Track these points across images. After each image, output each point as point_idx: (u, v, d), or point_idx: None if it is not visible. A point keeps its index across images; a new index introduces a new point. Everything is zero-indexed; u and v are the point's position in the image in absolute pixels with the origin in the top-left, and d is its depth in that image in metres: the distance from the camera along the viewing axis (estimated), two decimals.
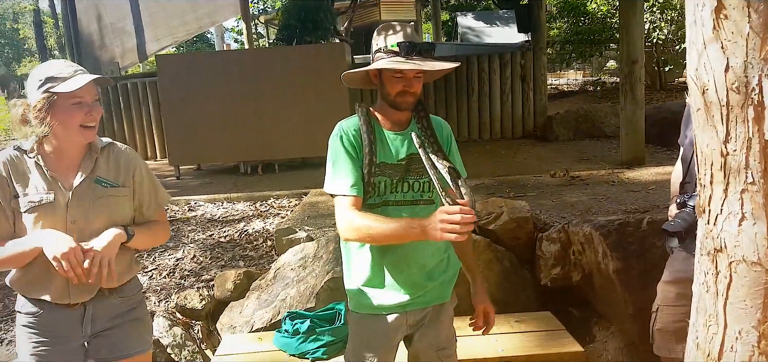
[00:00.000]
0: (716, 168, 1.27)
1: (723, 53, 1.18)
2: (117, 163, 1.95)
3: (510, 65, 8.03)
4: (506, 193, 4.86)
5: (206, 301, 3.57)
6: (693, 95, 1.29)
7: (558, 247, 3.85)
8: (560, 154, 6.68)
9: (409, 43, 1.83)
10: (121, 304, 1.97)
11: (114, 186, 1.92)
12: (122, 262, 1.94)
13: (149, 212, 2.03)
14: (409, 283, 1.94)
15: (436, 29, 15.55)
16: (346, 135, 1.91)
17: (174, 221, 4.85)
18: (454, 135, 2.06)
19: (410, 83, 1.85)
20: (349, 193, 1.86)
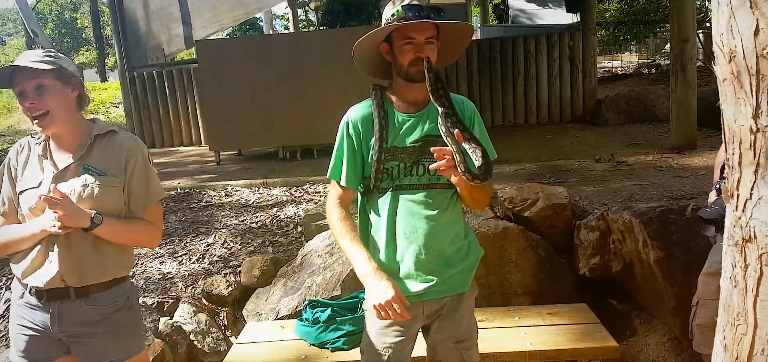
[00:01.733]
0: (745, 147, 1.11)
1: (752, 14, 1.02)
2: (112, 152, 1.89)
3: (558, 47, 7.72)
4: (547, 179, 4.67)
5: (233, 287, 3.56)
6: (718, 63, 1.13)
7: (597, 235, 3.66)
8: (608, 138, 6.38)
9: (413, 5, 1.75)
10: (91, 312, 1.87)
11: (102, 175, 1.85)
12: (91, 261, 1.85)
13: (136, 207, 1.91)
14: (426, 270, 1.85)
15: (484, 12, 15.20)
16: (352, 123, 1.87)
17: (209, 206, 4.90)
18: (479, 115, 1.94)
19: (421, 49, 1.75)
20: (341, 182, 1.86)
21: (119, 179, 1.87)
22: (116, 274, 1.91)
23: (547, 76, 7.78)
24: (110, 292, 1.90)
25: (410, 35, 1.75)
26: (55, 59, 1.83)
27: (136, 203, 1.91)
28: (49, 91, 1.79)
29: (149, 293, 3.65)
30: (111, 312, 1.90)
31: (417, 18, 1.73)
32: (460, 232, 1.93)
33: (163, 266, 3.94)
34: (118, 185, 1.87)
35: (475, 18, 20.41)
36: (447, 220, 1.87)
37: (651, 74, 10.94)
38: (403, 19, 1.74)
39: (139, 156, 1.91)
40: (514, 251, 3.63)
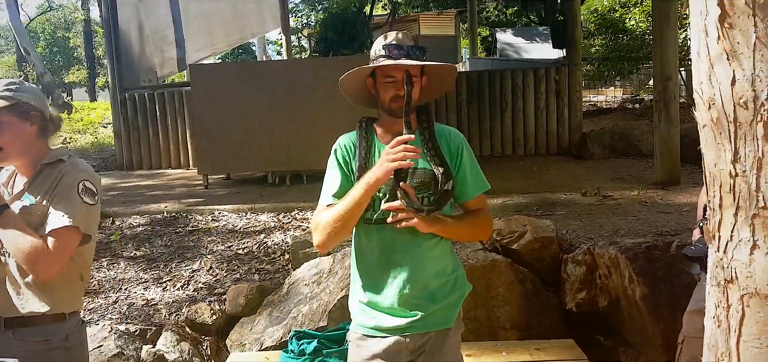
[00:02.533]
0: (725, 190, 1.15)
1: (729, 65, 1.07)
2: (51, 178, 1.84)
3: (545, 81, 7.84)
4: (534, 211, 4.70)
5: (217, 316, 3.54)
6: (699, 110, 1.17)
7: (584, 270, 3.69)
8: (594, 172, 6.46)
9: (393, 45, 1.80)
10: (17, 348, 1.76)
11: (33, 203, 1.81)
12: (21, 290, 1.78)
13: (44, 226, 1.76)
14: (410, 305, 1.84)
15: (473, 45, 15.42)
16: (341, 149, 1.90)
17: (196, 231, 4.87)
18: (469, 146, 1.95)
19: (402, 86, 1.79)
20: (326, 201, 1.86)
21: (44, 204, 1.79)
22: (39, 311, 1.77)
23: (534, 109, 7.89)
24: (41, 329, 1.78)
25: (391, 74, 1.80)
26: (15, 93, 1.78)
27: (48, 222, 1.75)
28: (2, 126, 1.76)
29: (132, 320, 3.61)
30: (40, 351, 1.77)
31: (396, 58, 1.78)
32: (446, 266, 1.91)
33: (147, 292, 3.91)
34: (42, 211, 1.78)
35: (464, 50, 20.71)
36: (432, 253, 1.86)
37: (635, 109, 11.12)
38: (385, 58, 1.79)
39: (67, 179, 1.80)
40: (502, 284, 3.64)
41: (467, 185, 1.91)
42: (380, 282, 1.86)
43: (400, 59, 1.78)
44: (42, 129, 1.88)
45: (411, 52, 1.80)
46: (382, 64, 1.79)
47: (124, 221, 5.30)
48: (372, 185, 1.71)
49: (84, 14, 26.04)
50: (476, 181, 1.92)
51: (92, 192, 1.84)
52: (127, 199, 6.23)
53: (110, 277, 4.15)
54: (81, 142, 11.72)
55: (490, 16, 22.73)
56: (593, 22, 11.73)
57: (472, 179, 1.92)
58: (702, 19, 1.10)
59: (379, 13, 21.54)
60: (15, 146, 1.79)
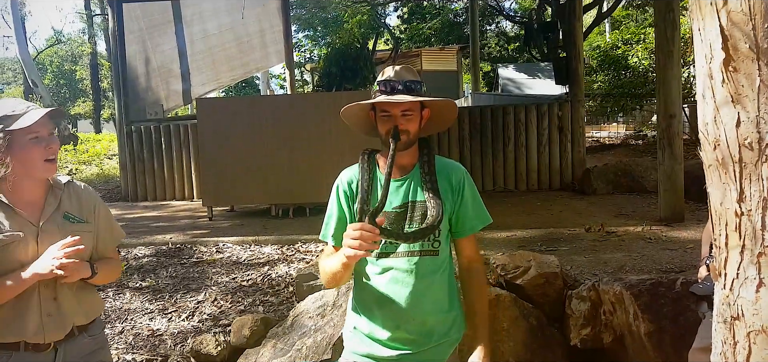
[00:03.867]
0: (731, 229, 1.18)
1: (734, 108, 1.11)
2: (79, 199, 1.99)
3: (547, 116, 7.93)
4: (538, 246, 4.71)
5: (222, 347, 3.53)
6: (704, 151, 1.21)
7: (588, 306, 3.68)
8: (597, 208, 6.47)
9: (387, 81, 1.84)
10: (89, 343, 1.98)
11: (80, 222, 1.94)
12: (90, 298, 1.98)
13: (104, 248, 2.04)
14: (404, 340, 1.84)
15: (475, 80, 15.59)
16: (341, 185, 1.93)
17: (200, 262, 4.88)
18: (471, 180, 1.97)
19: (397, 121, 1.81)
20: (328, 241, 1.91)
21: (92, 224, 1.98)
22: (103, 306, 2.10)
23: (537, 144, 7.95)
24: (99, 321, 2.05)
25: (386, 109, 1.83)
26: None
27: (104, 245, 2.03)
28: (56, 138, 1.90)
29: (137, 350, 3.61)
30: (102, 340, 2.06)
31: (390, 94, 1.82)
32: (445, 304, 1.90)
33: (152, 322, 3.90)
34: (92, 230, 1.98)
35: (466, 85, 20.92)
36: (432, 289, 1.86)
37: (638, 146, 11.19)
38: (379, 93, 1.84)
39: (100, 201, 2.06)
40: (507, 319, 3.64)
41: (469, 219, 1.92)
42: (378, 313, 1.86)
43: (395, 95, 1.80)
44: None
45: (408, 86, 1.82)
46: (377, 100, 1.82)
47: (130, 252, 5.32)
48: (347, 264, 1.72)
49: (91, 47, 26.44)
50: (478, 215, 1.94)
51: None
52: (132, 230, 6.25)
53: (116, 307, 4.16)
54: (86, 173, 11.80)
55: (492, 52, 23.05)
56: (595, 58, 11.88)
57: (474, 213, 1.93)
58: (707, 62, 1.14)
59: (382, 49, 21.86)
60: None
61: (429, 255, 1.86)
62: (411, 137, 1.84)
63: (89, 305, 1.97)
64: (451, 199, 1.89)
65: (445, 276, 1.91)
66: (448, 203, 1.88)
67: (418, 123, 1.87)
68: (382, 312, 1.85)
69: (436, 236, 1.86)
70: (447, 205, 1.86)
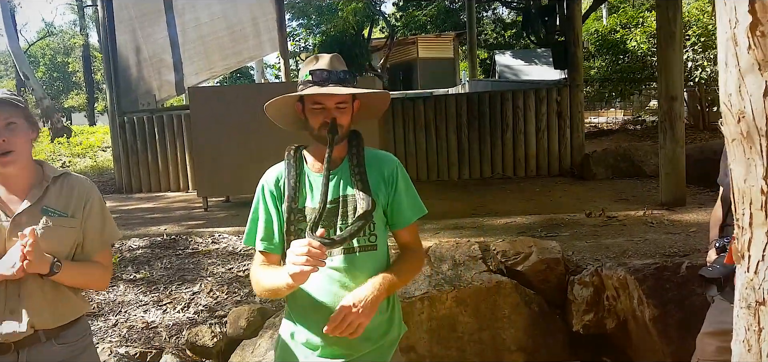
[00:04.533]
0: (756, 208, 1.10)
1: (761, 76, 1.02)
2: (70, 193, 1.85)
3: (546, 102, 7.84)
4: (538, 232, 4.65)
5: (218, 338, 3.46)
6: (727, 124, 1.13)
7: (591, 291, 3.63)
8: (597, 193, 6.41)
9: (321, 71, 1.72)
10: (61, 351, 1.81)
11: (62, 216, 1.81)
12: (62, 300, 1.81)
13: (91, 248, 1.88)
14: (341, 343, 1.72)
15: (472, 67, 15.49)
16: (267, 185, 1.81)
17: (195, 253, 4.80)
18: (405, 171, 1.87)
19: (330, 115, 1.72)
20: (259, 248, 1.78)
21: (77, 219, 1.84)
22: (82, 311, 1.89)
23: (536, 130, 7.87)
24: (77, 328, 1.87)
25: (319, 101, 1.73)
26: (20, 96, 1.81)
27: (90, 246, 1.87)
28: (18, 129, 1.75)
29: (132, 343, 3.53)
30: (80, 349, 1.87)
31: (323, 84, 1.71)
32: (382, 303, 1.78)
33: (146, 314, 3.83)
34: (77, 226, 1.83)
35: (463, 72, 20.82)
36: None
37: (637, 131, 11.13)
38: (312, 84, 1.72)
39: (95, 197, 1.89)
40: (508, 306, 3.58)
41: (403, 211, 1.83)
42: (313, 317, 1.74)
43: (328, 86, 1.70)
44: (35, 137, 1.87)
45: (341, 77, 1.73)
46: (309, 92, 1.71)
47: (124, 244, 5.23)
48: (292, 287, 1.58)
49: (83, 39, 26.22)
50: (412, 206, 1.85)
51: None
52: (126, 222, 6.17)
53: (109, 300, 4.08)
54: (80, 165, 11.69)
55: (488, 39, 22.91)
56: (593, 43, 11.78)
57: (408, 204, 1.84)
58: (730, 28, 1.06)
59: (377, 36, 21.71)
60: (24, 152, 1.78)
61: (367, 250, 1.77)
62: (345, 130, 1.76)
63: (61, 308, 1.80)
64: (384, 191, 1.80)
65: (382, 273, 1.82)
66: (381, 196, 1.79)
67: (351, 115, 1.79)
68: (318, 316, 1.71)
69: (371, 230, 1.77)
70: (380, 197, 1.78)
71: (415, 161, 8.06)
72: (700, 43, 9.30)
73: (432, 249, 3.91)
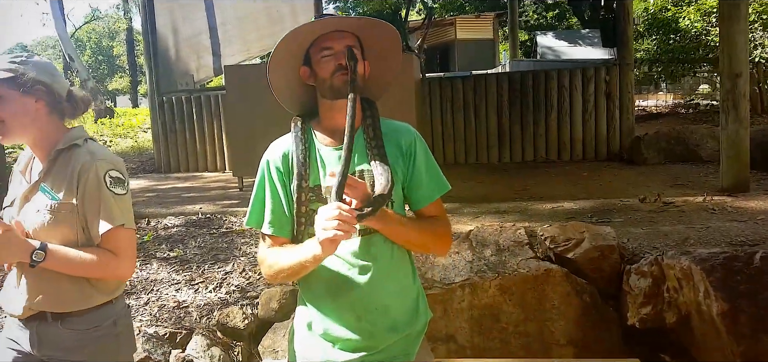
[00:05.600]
0: None
1: None
2: (65, 170, 1.68)
3: (594, 81, 7.44)
4: (588, 218, 4.36)
5: (249, 320, 3.33)
6: None
7: (649, 282, 3.34)
8: (649, 178, 6.04)
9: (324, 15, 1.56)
10: (69, 337, 1.69)
11: (54, 199, 1.66)
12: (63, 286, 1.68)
13: (92, 234, 1.66)
14: (365, 333, 1.54)
15: (513, 49, 15.01)
16: (273, 161, 1.60)
17: (229, 232, 4.69)
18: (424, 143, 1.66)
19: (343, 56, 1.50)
20: (266, 231, 1.57)
21: (68, 201, 1.66)
22: (93, 302, 1.71)
23: (582, 111, 7.49)
24: (90, 316, 1.71)
25: (328, 45, 1.52)
26: (18, 65, 1.65)
27: (91, 230, 1.66)
28: (3, 100, 1.63)
29: (163, 322, 3.43)
30: (92, 339, 1.71)
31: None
32: (408, 286, 1.62)
33: (178, 293, 3.73)
34: (71, 209, 1.65)
35: (503, 53, 20.30)
36: (391, 272, 1.58)
37: (688, 114, 10.58)
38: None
39: (92, 174, 1.65)
40: (557, 295, 3.33)
41: (423, 187, 1.62)
42: (331, 307, 1.56)
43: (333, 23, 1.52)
44: (51, 106, 1.71)
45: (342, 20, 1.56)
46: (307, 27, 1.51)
47: (160, 222, 5.19)
48: (319, 258, 1.41)
49: (126, 23, 26.67)
50: (434, 181, 1.63)
51: (120, 180, 1.70)
52: (163, 200, 6.14)
53: (142, 278, 4.00)
54: (122, 146, 11.86)
55: (529, 21, 22.30)
56: (643, 22, 11.21)
57: (429, 180, 1.62)
58: None
59: (414, 19, 21.34)
60: (18, 121, 1.65)
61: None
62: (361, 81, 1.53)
63: (62, 295, 1.68)
64: (402, 165, 1.59)
65: (405, 255, 1.63)
66: (399, 170, 1.58)
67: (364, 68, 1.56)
68: (338, 304, 1.55)
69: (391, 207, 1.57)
70: (398, 171, 1.57)
71: (453, 143, 7.78)
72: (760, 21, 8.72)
73: (473, 233, 3.68)
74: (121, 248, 1.68)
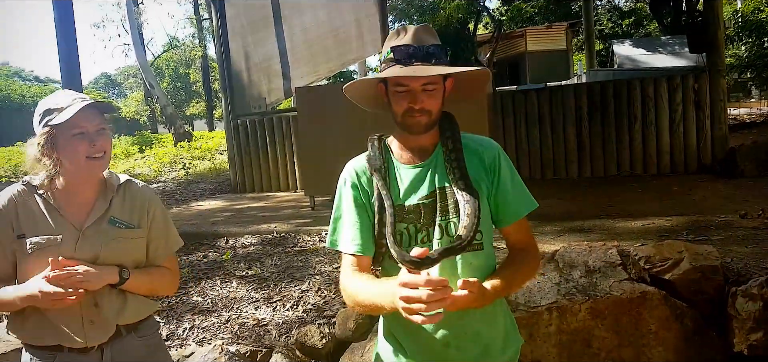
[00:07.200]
0: None
1: None
2: (132, 202, 1.82)
3: (681, 89, 6.98)
4: (684, 236, 4.03)
5: (327, 339, 3.27)
6: None
7: (759, 306, 3.03)
8: (749, 192, 5.56)
9: (405, 47, 1.43)
10: (140, 346, 1.82)
11: (129, 227, 1.77)
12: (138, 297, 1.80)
13: (156, 256, 1.86)
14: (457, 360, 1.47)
15: (589, 57, 14.48)
16: (351, 178, 1.56)
17: (303, 251, 4.68)
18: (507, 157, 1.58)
19: (416, 98, 1.43)
20: (349, 250, 1.50)
21: (143, 229, 1.82)
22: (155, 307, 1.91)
23: (669, 122, 7.04)
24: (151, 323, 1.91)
25: (402, 82, 1.44)
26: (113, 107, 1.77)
27: (155, 252, 1.87)
28: (106, 133, 1.73)
29: (243, 340, 3.43)
30: (156, 343, 1.90)
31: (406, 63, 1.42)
32: (498, 311, 1.54)
33: (257, 312, 3.73)
34: (143, 235, 1.82)
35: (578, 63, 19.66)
36: None
37: None
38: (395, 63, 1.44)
39: (158, 205, 1.89)
40: (655, 320, 3.06)
41: (510, 204, 1.52)
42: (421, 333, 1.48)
43: (413, 65, 1.41)
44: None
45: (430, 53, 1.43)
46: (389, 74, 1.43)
47: (237, 241, 5.27)
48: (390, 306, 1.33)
49: (201, 51, 27.89)
50: (521, 197, 1.53)
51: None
52: (239, 220, 6.25)
53: (223, 295, 4.05)
54: (200, 167, 12.27)
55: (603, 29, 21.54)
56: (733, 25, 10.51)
57: (516, 196, 1.52)
58: None
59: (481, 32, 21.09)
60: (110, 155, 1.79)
61: (473, 250, 1.47)
62: (435, 116, 1.47)
63: (136, 304, 1.80)
64: (485, 180, 1.51)
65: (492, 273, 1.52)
66: (483, 185, 1.50)
67: (442, 98, 1.48)
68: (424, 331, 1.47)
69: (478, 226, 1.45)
70: (483, 187, 1.49)
71: (528, 158, 7.52)
72: None
73: (560, 253, 3.47)
74: (176, 268, 1.95)
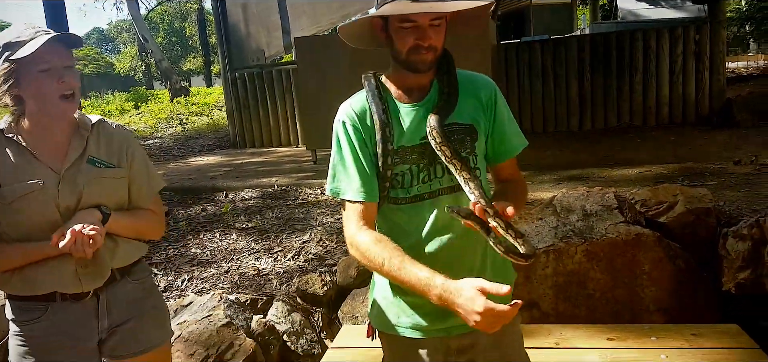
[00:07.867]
0: None
1: None
2: (109, 141, 1.73)
3: (682, 41, 6.94)
4: (680, 182, 4.09)
5: (328, 287, 3.35)
6: None
7: (749, 246, 3.11)
8: (744, 141, 5.60)
9: None
10: (135, 289, 1.77)
11: (109, 167, 1.70)
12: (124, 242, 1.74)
13: (138, 197, 1.78)
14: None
15: (593, 11, 14.29)
16: (350, 119, 1.48)
17: (305, 203, 4.75)
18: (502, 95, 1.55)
19: (424, 34, 1.38)
20: (355, 198, 1.45)
21: (124, 170, 1.74)
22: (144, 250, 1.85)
23: (669, 73, 7.02)
24: (142, 265, 1.85)
25: (410, 17, 1.38)
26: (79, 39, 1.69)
27: (139, 193, 1.79)
28: (74, 70, 1.64)
29: (243, 289, 3.51)
30: (150, 285, 1.85)
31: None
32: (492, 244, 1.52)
33: (258, 262, 3.80)
34: (124, 176, 1.74)
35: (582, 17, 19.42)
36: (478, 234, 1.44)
37: None
38: None
39: (136, 145, 1.80)
40: (649, 261, 3.14)
41: (506, 142, 1.53)
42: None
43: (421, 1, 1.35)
44: None
45: None
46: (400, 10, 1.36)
47: (237, 194, 5.32)
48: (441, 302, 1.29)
49: (197, 4, 27.37)
50: (516, 135, 1.55)
51: None
52: (239, 174, 6.29)
53: (222, 247, 4.12)
54: (198, 123, 12.25)
55: None
56: None
57: (512, 132, 1.54)
58: None
59: None
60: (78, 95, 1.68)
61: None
62: (438, 53, 1.44)
63: (128, 246, 1.75)
64: (483, 118, 1.50)
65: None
66: (481, 122, 1.50)
67: (445, 31, 1.44)
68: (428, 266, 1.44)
69: (475, 163, 1.48)
70: (480, 124, 1.50)
71: (531, 109, 7.50)
72: None
73: (557, 198, 3.53)
74: (161, 211, 1.88)
